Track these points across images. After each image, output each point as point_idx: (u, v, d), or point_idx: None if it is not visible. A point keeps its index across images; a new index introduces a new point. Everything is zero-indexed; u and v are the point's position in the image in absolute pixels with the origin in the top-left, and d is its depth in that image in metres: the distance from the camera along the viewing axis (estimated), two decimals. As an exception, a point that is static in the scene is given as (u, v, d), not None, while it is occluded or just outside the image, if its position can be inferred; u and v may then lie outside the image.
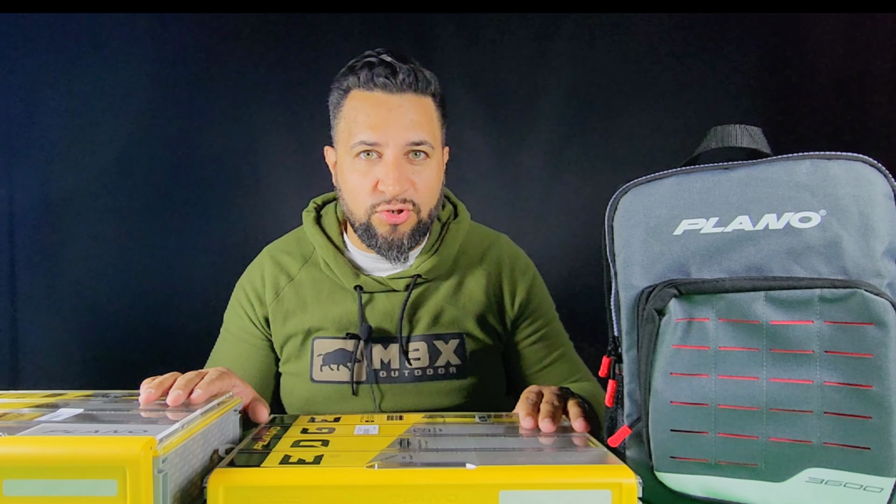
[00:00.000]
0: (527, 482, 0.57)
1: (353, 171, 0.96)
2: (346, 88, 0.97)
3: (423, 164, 0.97)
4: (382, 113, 0.94)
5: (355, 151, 0.95)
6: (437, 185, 1.00)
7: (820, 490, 0.59)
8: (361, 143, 0.94)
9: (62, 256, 1.61)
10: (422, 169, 0.97)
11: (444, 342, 1.03)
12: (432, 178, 0.98)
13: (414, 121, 0.94)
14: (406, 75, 0.94)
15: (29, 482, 0.51)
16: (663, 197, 0.65)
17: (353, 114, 0.96)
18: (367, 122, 0.94)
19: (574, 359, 1.11)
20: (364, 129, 0.94)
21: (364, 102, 0.95)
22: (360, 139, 0.94)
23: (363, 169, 0.95)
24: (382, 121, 0.93)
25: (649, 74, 1.70)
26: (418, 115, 0.95)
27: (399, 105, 0.94)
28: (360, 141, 0.94)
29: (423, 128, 0.95)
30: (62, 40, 1.59)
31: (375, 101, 0.94)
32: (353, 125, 0.96)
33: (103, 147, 1.61)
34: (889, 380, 0.56)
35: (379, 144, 0.94)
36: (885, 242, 0.59)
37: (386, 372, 1.02)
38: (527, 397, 0.81)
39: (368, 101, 0.95)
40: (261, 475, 0.58)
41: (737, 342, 0.60)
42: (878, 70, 1.68)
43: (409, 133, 0.94)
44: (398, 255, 0.99)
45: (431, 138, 0.96)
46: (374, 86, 0.94)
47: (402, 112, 0.94)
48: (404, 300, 1.02)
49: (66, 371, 1.60)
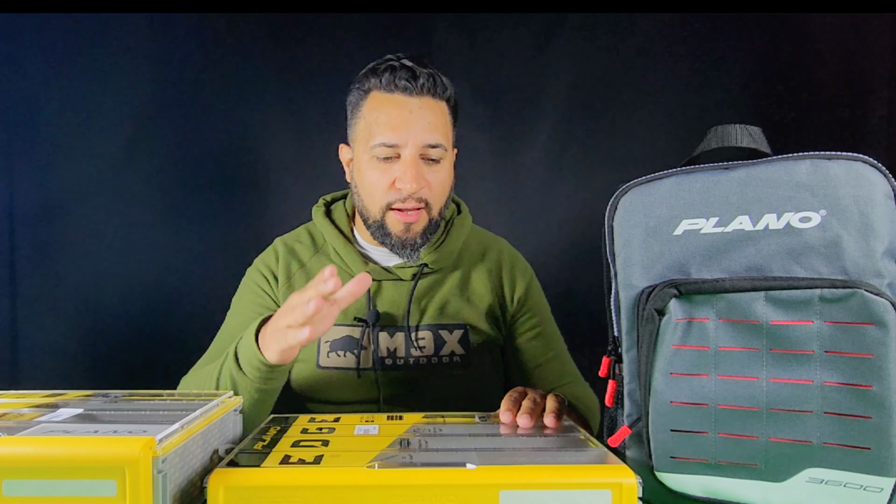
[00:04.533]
0: (527, 482, 0.57)
1: (371, 170, 1.00)
2: (366, 89, 1.01)
3: (437, 165, 1.01)
4: (403, 115, 0.98)
5: (375, 153, 0.99)
6: (448, 184, 1.05)
7: (820, 490, 0.59)
8: (382, 146, 0.98)
9: (62, 256, 1.61)
10: (436, 169, 1.01)
11: (449, 332, 1.06)
12: (445, 179, 1.03)
13: (431, 123, 0.99)
14: (426, 80, 0.98)
15: (29, 482, 0.51)
16: (663, 197, 0.65)
17: (374, 115, 1.00)
18: (389, 124, 0.98)
19: (568, 361, 1.14)
20: (385, 131, 0.98)
21: (385, 104, 0.99)
22: (380, 140, 0.98)
23: (381, 168, 0.99)
24: (402, 122, 0.98)
25: (649, 74, 1.70)
26: (435, 118, 0.99)
27: (419, 107, 0.98)
28: (380, 143, 0.98)
29: (438, 130, 1.00)
30: (62, 40, 1.59)
31: (396, 103, 0.98)
32: (373, 126, 0.99)
33: (103, 147, 1.61)
34: (889, 380, 0.56)
35: (398, 145, 0.98)
36: (885, 242, 0.59)
37: (391, 359, 1.04)
38: (510, 395, 0.84)
39: (389, 103, 0.99)
40: (261, 475, 0.58)
41: (737, 342, 0.60)
42: (878, 70, 1.68)
43: (426, 135, 0.98)
44: (411, 253, 1.03)
45: (445, 141, 1.01)
46: (396, 88, 0.98)
47: (421, 115, 0.98)
48: (411, 289, 1.05)
49: (66, 371, 1.59)
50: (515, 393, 0.84)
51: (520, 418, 0.77)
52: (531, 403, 0.79)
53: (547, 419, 0.77)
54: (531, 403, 0.79)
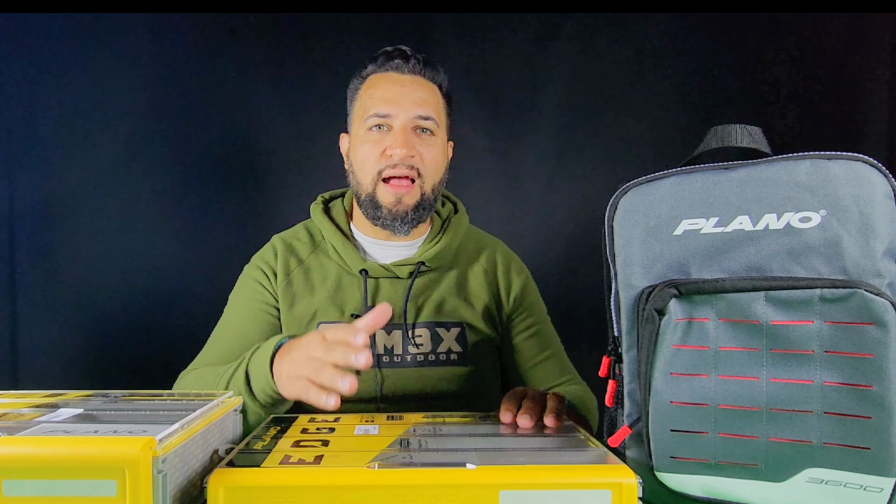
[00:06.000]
0: (527, 482, 0.57)
1: (364, 143, 1.03)
2: (364, 76, 1.06)
3: (429, 139, 1.03)
4: (395, 88, 1.02)
5: (368, 125, 1.02)
6: (441, 163, 1.06)
7: (820, 490, 0.59)
8: (374, 116, 1.02)
9: (62, 256, 1.61)
10: (429, 143, 1.03)
11: (447, 330, 1.07)
12: (437, 155, 1.05)
13: (422, 98, 1.03)
14: (417, 61, 1.04)
15: (28, 482, 0.51)
16: (663, 197, 0.65)
17: (368, 92, 1.04)
18: (382, 97, 1.02)
19: (565, 360, 1.14)
20: (378, 104, 1.02)
21: (379, 81, 1.04)
22: (372, 112, 1.02)
23: (374, 139, 1.02)
24: (395, 95, 1.02)
25: (649, 74, 1.70)
26: (426, 95, 1.04)
27: (411, 82, 1.03)
28: (373, 114, 1.02)
29: (430, 105, 1.03)
30: (62, 40, 1.59)
31: (389, 79, 1.04)
32: (367, 102, 1.04)
33: (103, 147, 1.61)
34: (889, 380, 0.56)
35: (390, 116, 1.01)
36: (885, 242, 0.59)
37: (389, 357, 1.04)
38: (510, 395, 0.84)
39: (384, 80, 1.04)
40: (261, 475, 0.58)
41: (737, 342, 0.60)
42: (877, 70, 1.69)
43: (417, 108, 1.02)
44: (401, 226, 1.04)
45: (437, 117, 1.04)
46: (390, 67, 1.04)
47: (413, 88, 1.03)
48: (408, 286, 1.06)
49: (66, 371, 1.60)
50: (515, 392, 0.84)
51: (520, 418, 0.77)
52: (531, 403, 0.80)
53: (547, 419, 0.77)
54: (531, 403, 0.80)
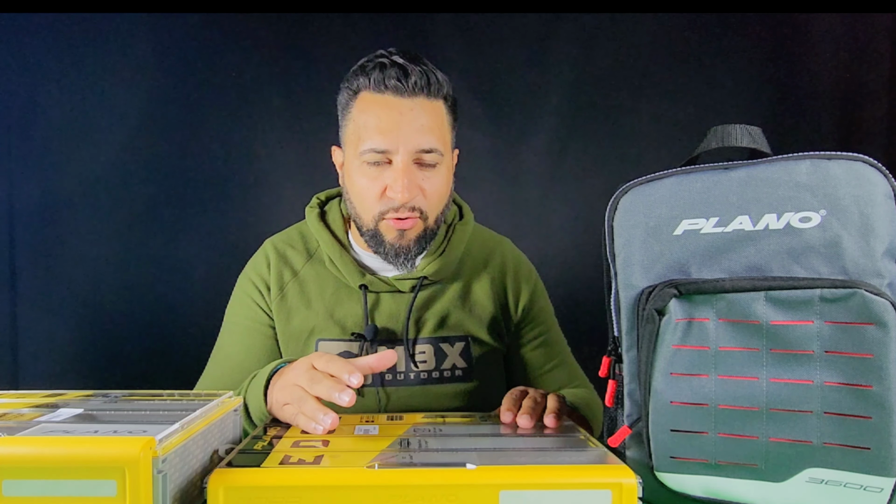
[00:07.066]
0: (527, 482, 0.57)
1: (361, 176, 0.94)
2: (355, 89, 0.95)
3: (432, 170, 0.95)
4: (393, 117, 0.91)
5: (364, 158, 0.93)
6: (445, 191, 0.99)
7: (820, 490, 0.59)
8: (371, 151, 0.92)
9: (62, 256, 1.61)
10: (431, 175, 0.95)
11: (451, 345, 1.03)
12: (441, 185, 0.97)
13: (425, 126, 0.92)
14: (418, 78, 0.91)
15: (28, 482, 0.51)
16: (663, 197, 0.65)
17: (363, 117, 0.93)
18: (378, 127, 0.92)
19: (573, 365, 1.12)
20: (374, 135, 0.92)
21: (374, 106, 0.93)
22: (369, 146, 0.92)
23: (372, 174, 0.93)
24: (393, 126, 0.91)
25: (649, 74, 1.70)
26: (429, 120, 0.93)
27: (410, 109, 0.92)
28: (369, 148, 0.92)
29: (433, 133, 0.93)
30: (62, 40, 1.59)
31: (386, 104, 0.92)
32: (362, 129, 0.93)
33: (103, 147, 1.61)
34: (889, 380, 0.55)
35: (388, 151, 0.92)
36: (885, 242, 0.59)
37: (391, 374, 1.01)
38: (510, 395, 0.83)
39: (379, 105, 0.92)
40: (261, 475, 0.57)
41: (737, 342, 0.60)
42: (878, 70, 1.68)
43: (419, 139, 0.92)
44: (405, 261, 0.98)
45: (441, 144, 0.94)
46: (386, 88, 0.91)
47: (413, 117, 0.91)
48: (410, 302, 1.01)
49: (66, 371, 1.60)
50: (516, 392, 0.84)
51: (520, 418, 0.77)
52: (532, 403, 0.79)
53: (547, 419, 0.77)
54: (532, 403, 0.79)
